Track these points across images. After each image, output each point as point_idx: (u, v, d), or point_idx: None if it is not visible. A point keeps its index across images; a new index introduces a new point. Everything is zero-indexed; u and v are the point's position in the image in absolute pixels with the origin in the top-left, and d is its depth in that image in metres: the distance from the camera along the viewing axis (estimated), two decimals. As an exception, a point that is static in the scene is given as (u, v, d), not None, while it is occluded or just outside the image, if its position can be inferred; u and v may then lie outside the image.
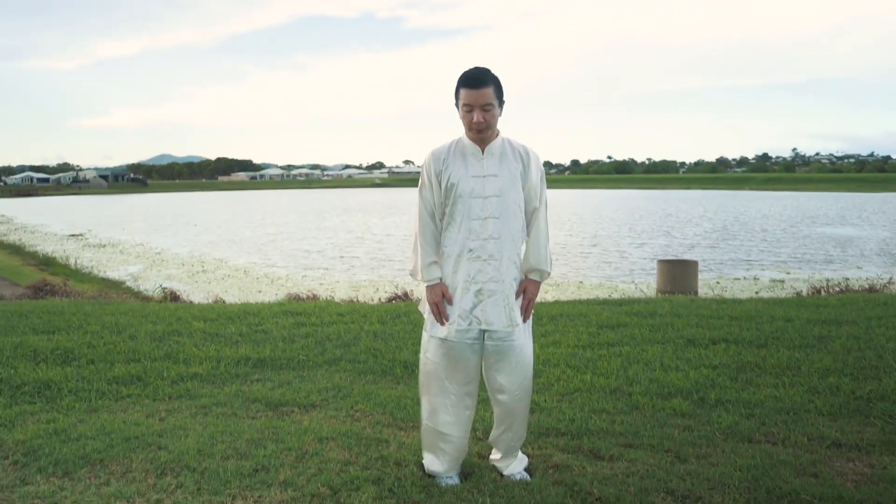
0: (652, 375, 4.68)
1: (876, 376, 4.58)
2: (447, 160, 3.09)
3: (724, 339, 5.59)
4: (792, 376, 4.64)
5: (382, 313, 6.94)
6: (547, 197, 3.21)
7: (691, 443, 3.57)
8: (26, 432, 3.70)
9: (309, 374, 4.92)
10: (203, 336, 5.91)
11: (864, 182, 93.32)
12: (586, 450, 3.50)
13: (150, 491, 3.05)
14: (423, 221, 3.13)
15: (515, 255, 3.10)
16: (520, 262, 3.13)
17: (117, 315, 6.79)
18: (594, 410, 4.08)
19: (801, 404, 4.11)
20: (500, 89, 3.02)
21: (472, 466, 3.32)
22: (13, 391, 4.48)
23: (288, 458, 3.37)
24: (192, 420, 3.97)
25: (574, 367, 4.92)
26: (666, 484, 3.07)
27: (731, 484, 3.07)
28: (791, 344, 5.43)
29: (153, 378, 4.78)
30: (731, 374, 4.72)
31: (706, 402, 4.20)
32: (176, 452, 3.41)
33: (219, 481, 3.12)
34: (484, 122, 2.98)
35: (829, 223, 35.13)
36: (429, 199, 3.12)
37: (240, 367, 5.07)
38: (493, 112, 2.99)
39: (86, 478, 3.20)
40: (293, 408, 4.22)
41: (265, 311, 7.02)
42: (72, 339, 5.66)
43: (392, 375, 4.91)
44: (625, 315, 6.63)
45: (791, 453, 3.42)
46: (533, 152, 3.15)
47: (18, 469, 3.30)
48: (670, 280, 11.22)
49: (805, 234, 29.14)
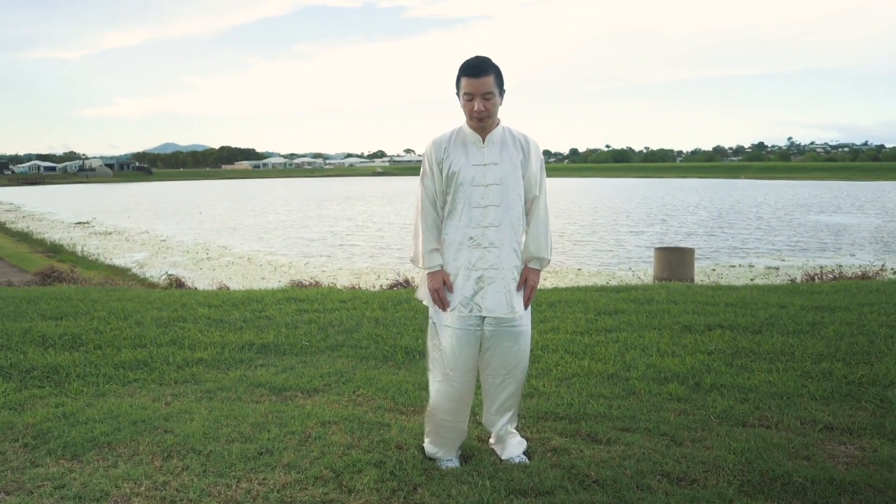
0: (649, 361, 4.75)
1: (868, 361, 4.65)
2: (448, 149, 3.12)
3: (719, 325, 5.66)
4: (786, 361, 4.71)
5: (384, 300, 7.00)
6: (547, 185, 3.26)
7: (687, 427, 3.64)
8: (36, 416, 3.78)
9: (312, 360, 4.99)
10: (208, 322, 5.98)
11: (858, 171, 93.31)
12: (584, 433, 3.56)
13: (157, 473, 3.12)
14: (424, 209, 3.18)
15: (516, 243, 3.14)
16: (520, 249, 3.17)
17: (123, 301, 6.86)
18: (592, 395, 4.14)
19: (794, 389, 4.17)
20: (501, 78, 3.05)
21: (472, 450, 3.38)
22: (23, 376, 4.55)
23: (291, 441, 3.44)
24: (197, 404, 4.04)
25: (572, 353, 4.98)
26: (662, 467, 3.14)
27: (726, 466, 3.13)
28: (785, 330, 5.50)
29: (159, 363, 4.85)
30: (726, 359, 4.78)
31: (702, 386, 4.27)
32: (182, 436, 3.48)
33: (224, 464, 3.19)
34: (485, 110, 3.01)
35: (823, 211, 35.13)
36: (430, 187, 3.16)
37: (244, 352, 5.15)
38: (494, 101, 3.02)
39: (94, 460, 3.27)
40: (296, 392, 4.29)
41: (268, 298, 7.08)
42: (79, 325, 5.74)
43: (393, 361, 4.98)
44: (622, 302, 6.69)
45: (784, 437, 3.48)
46: (533, 141, 3.19)
47: (28, 451, 3.37)
48: (667, 267, 11.27)
49: (799, 222, 29.17)
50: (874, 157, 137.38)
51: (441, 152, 3.13)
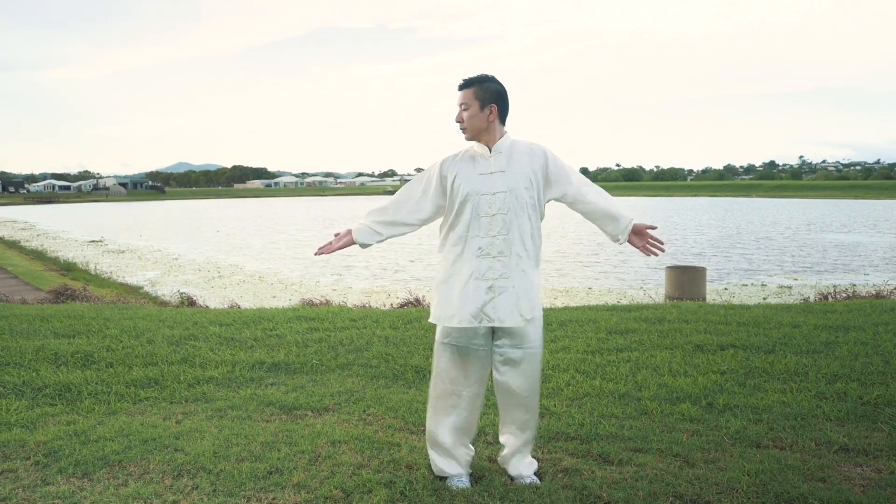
0: (660, 381, 4.72)
1: (883, 382, 4.59)
2: (457, 163, 3.18)
3: (732, 345, 5.61)
4: (800, 382, 4.66)
5: (394, 318, 7.00)
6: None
7: (700, 447, 3.61)
8: (47, 434, 3.80)
9: (322, 379, 4.98)
10: (219, 340, 6.00)
11: (870, 189, 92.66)
12: (595, 454, 3.54)
13: (167, 492, 3.12)
14: (398, 196, 3.29)
15: (523, 251, 3.13)
16: (528, 256, 3.15)
17: (135, 319, 6.89)
18: (603, 415, 4.12)
19: (808, 409, 4.13)
20: (489, 93, 3.10)
21: (483, 470, 3.36)
22: (35, 393, 4.58)
23: (301, 460, 3.43)
24: (207, 423, 4.04)
25: (583, 373, 4.96)
26: (674, 488, 3.11)
27: (740, 489, 3.10)
28: (798, 349, 5.45)
29: (170, 381, 4.86)
30: (739, 379, 4.74)
31: (714, 407, 4.23)
32: (192, 454, 3.48)
33: (234, 483, 3.19)
34: (462, 120, 3.12)
35: (835, 230, 34.89)
36: (418, 186, 3.25)
37: (254, 371, 5.15)
38: (470, 112, 3.10)
39: (105, 479, 3.27)
40: (306, 411, 4.29)
41: (279, 317, 7.09)
42: (91, 343, 5.77)
43: (404, 380, 4.97)
44: (633, 321, 6.66)
45: (799, 458, 3.45)
46: (542, 146, 3.23)
47: (40, 469, 3.38)
48: (678, 286, 11.22)
49: (812, 240, 28.97)
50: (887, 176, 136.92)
51: (447, 166, 3.19)
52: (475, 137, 3.16)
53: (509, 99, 3.16)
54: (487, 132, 3.14)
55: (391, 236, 3.29)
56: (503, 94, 3.13)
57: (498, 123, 3.15)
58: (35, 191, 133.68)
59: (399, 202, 3.28)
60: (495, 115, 3.12)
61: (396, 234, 3.28)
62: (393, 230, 3.27)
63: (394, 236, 3.29)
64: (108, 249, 29.59)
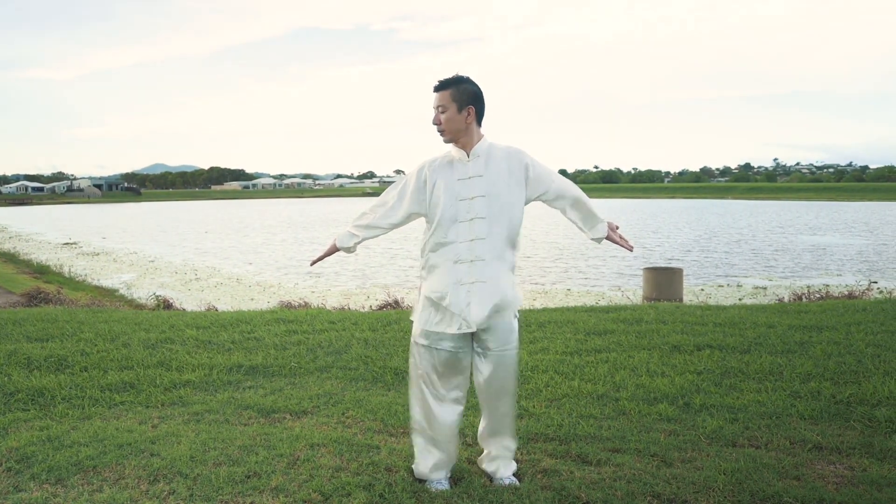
0: (638, 381, 4.75)
1: (856, 380, 4.67)
2: (436, 169, 3.18)
3: (708, 345, 5.67)
4: (774, 381, 4.72)
5: (373, 321, 6.99)
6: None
7: (677, 447, 3.64)
8: (20, 439, 3.73)
9: (300, 381, 4.96)
10: (196, 343, 5.94)
11: (842, 191, 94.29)
12: (574, 455, 3.56)
13: (143, 497, 3.08)
14: (377, 201, 3.31)
15: (502, 254, 3.14)
16: (506, 259, 3.16)
17: (111, 323, 6.80)
18: (582, 416, 4.14)
19: (783, 408, 4.19)
20: (465, 94, 3.10)
21: (462, 471, 3.36)
22: (7, 398, 4.50)
23: (280, 464, 3.41)
24: (184, 427, 4.00)
25: (562, 374, 4.98)
26: (652, 488, 3.13)
27: (716, 487, 3.13)
28: (773, 349, 5.52)
29: (146, 385, 4.80)
30: (715, 379, 4.80)
31: (691, 407, 4.27)
32: (168, 459, 3.44)
33: (211, 487, 3.16)
34: (439, 122, 3.13)
35: (809, 231, 35.42)
36: (393, 192, 3.27)
37: (232, 374, 5.11)
38: (447, 115, 3.11)
39: (79, 484, 3.22)
40: (285, 414, 4.26)
41: (257, 319, 7.05)
42: (65, 347, 5.68)
43: (383, 382, 4.95)
44: (612, 322, 6.70)
45: (774, 457, 3.49)
46: (520, 149, 3.25)
47: (12, 476, 3.33)
48: (656, 287, 11.32)
49: (786, 241, 29.39)
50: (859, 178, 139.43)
51: (427, 172, 3.19)
52: (453, 140, 3.16)
53: (485, 100, 3.17)
54: (465, 134, 3.14)
55: (366, 238, 3.35)
56: (480, 96, 3.14)
57: (475, 125, 3.15)
58: (7, 192, 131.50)
59: (375, 207, 3.34)
60: (473, 117, 3.12)
61: (370, 236, 3.34)
62: (367, 232, 3.34)
63: (369, 238, 3.36)
64: (83, 252, 29.19)
